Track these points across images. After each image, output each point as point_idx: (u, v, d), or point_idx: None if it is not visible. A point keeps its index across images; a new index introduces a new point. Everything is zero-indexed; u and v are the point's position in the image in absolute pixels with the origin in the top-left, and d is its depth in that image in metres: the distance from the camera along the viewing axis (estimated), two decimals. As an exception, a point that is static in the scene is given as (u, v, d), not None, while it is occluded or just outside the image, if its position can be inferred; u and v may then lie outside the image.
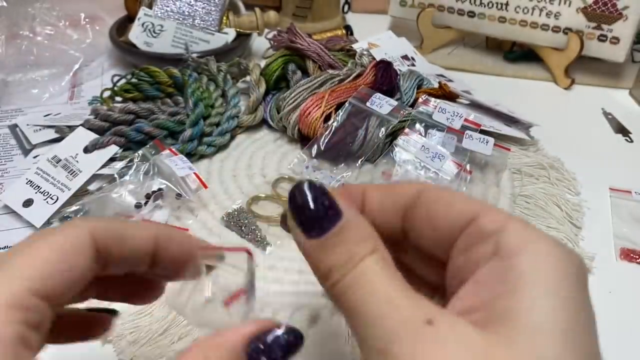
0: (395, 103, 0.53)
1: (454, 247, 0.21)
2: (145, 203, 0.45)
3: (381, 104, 0.52)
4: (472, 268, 0.19)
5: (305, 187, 0.20)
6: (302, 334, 0.19)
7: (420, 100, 0.54)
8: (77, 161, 0.49)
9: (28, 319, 0.18)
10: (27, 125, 0.56)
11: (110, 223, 0.22)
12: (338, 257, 0.19)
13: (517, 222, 0.19)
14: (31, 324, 0.18)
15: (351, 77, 0.57)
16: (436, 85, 0.58)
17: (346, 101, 0.53)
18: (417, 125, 0.51)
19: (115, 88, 0.60)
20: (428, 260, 0.23)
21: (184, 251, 0.23)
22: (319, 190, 0.20)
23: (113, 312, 0.25)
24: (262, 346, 0.18)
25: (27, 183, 0.47)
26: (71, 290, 0.20)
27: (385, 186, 0.22)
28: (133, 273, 0.23)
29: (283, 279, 0.40)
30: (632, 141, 0.59)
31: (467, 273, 0.20)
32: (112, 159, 0.50)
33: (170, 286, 0.25)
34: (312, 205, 0.19)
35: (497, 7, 0.69)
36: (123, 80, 0.60)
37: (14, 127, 0.58)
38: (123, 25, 0.72)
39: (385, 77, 0.56)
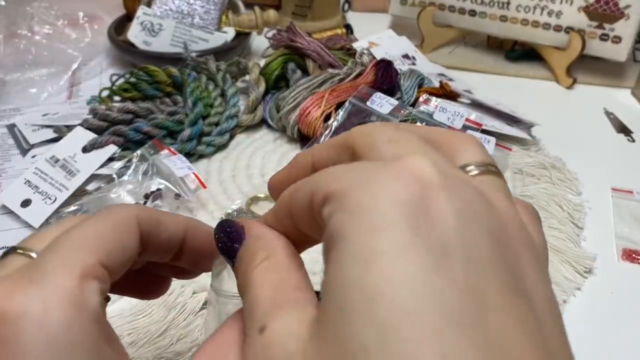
0: (395, 102, 0.52)
1: None
2: (144, 203, 0.45)
3: (381, 103, 0.52)
4: None
5: (216, 229, 0.21)
6: None
7: (421, 99, 0.54)
8: (75, 161, 0.48)
9: (102, 289, 0.18)
10: (25, 124, 0.56)
11: (149, 209, 0.22)
12: (240, 281, 0.19)
13: (338, 184, 0.16)
14: (103, 294, 0.19)
15: (351, 77, 0.57)
16: (437, 85, 0.58)
17: (346, 100, 0.53)
18: (418, 125, 0.51)
19: (114, 87, 0.59)
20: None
21: (208, 244, 0.23)
22: (225, 228, 0.20)
23: (106, 299, 0.25)
24: None
25: (25, 183, 0.47)
26: (124, 269, 0.20)
27: (328, 144, 0.20)
28: (154, 264, 0.24)
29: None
30: (634, 141, 0.59)
31: None
32: (111, 159, 0.50)
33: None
34: (221, 244, 0.20)
35: (498, 5, 0.69)
36: (122, 80, 0.60)
37: (12, 127, 0.57)
38: (122, 24, 0.72)
39: (385, 77, 0.56)
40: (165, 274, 0.26)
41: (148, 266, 0.24)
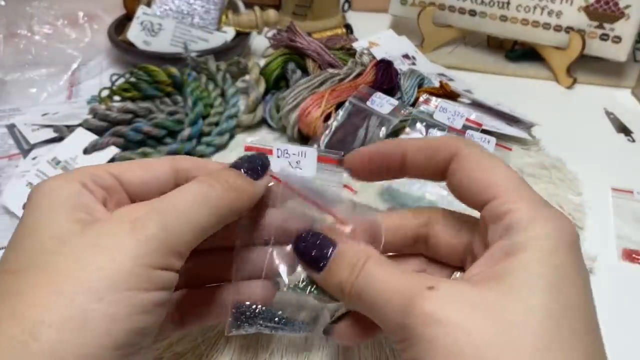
0: (395, 102, 0.52)
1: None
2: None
3: (382, 103, 0.52)
4: (485, 247, 0.23)
5: (302, 239, 0.26)
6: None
7: (421, 99, 0.54)
8: (76, 163, 0.48)
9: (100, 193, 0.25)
10: (25, 124, 0.56)
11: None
12: (342, 273, 0.24)
13: (525, 202, 0.22)
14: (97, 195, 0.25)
15: (351, 76, 0.57)
16: (437, 85, 0.58)
17: (346, 100, 0.53)
18: (418, 125, 0.51)
19: (114, 87, 0.59)
20: (449, 248, 0.27)
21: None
22: (314, 238, 0.26)
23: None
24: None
25: (27, 185, 0.47)
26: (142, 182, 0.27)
27: (424, 143, 0.26)
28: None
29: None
30: (634, 141, 0.59)
31: (481, 251, 0.24)
32: (112, 160, 0.50)
33: None
34: (311, 252, 0.25)
35: (498, 5, 0.69)
36: (122, 80, 0.60)
37: (11, 127, 0.57)
38: (122, 24, 0.72)
39: (385, 76, 0.56)
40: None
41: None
